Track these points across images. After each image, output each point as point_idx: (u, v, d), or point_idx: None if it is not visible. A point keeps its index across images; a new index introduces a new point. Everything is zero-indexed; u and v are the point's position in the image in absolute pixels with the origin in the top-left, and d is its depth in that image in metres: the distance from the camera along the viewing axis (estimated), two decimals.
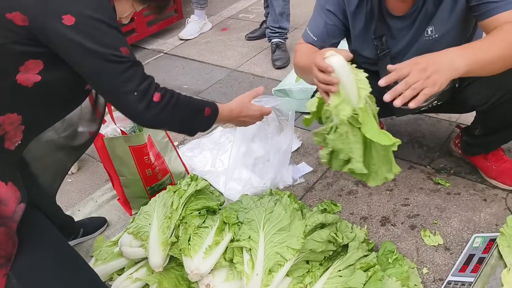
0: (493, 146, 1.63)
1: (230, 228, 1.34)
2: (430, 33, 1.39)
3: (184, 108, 1.13)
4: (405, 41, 1.45)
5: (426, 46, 1.40)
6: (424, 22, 1.39)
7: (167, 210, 1.40)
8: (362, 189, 1.74)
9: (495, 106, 1.38)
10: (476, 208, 1.58)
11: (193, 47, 3.20)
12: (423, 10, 1.37)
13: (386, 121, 2.06)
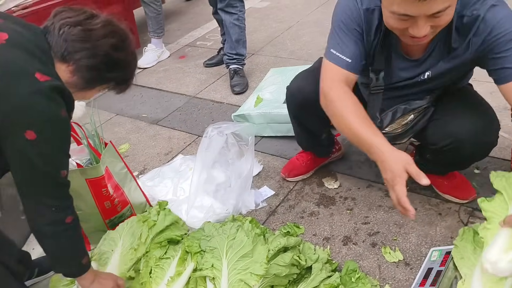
0: (442, 173, 1.70)
1: (192, 257, 1.33)
2: (426, 77, 1.40)
3: (77, 241, 1.18)
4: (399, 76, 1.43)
5: (418, 85, 1.43)
6: (425, 67, 1.38)
7: (134, 241, 1.37)
8: (324, 210, 1.77)
9: (443, 151, 1.45)
10: (432, 222, 1.63)
11: (151, 75, 3.19)
12: (428, 60, 1.35)
13: (344, 141, 2.12)
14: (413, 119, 1.50)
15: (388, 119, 1.50)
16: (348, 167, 1.98)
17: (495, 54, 1.21)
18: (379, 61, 1.39)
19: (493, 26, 1.20)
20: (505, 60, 1.19)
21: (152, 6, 3.19)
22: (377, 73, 1.41)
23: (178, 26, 4.10)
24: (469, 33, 1.24)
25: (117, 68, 1.15)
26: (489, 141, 1.42)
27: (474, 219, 1.61)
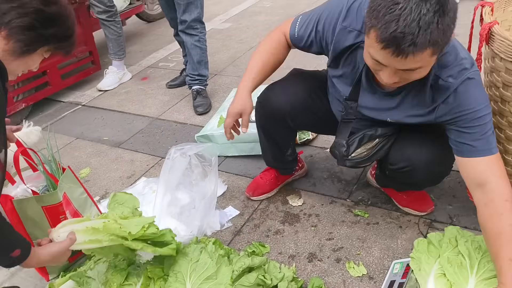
0: (400, 189, 1.76)
1: (155, 283, 1.30)
2: (389, 120, 1.45)
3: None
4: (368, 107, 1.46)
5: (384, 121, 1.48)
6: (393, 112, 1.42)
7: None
8: (289, 227, 1.78)
9: (400, 172, 1.52)
10: (394, 235, 1.67)
11: (113, 97, 3.15)
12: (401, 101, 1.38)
13: (307, 159, 2.15)
14: (378, 144, 1.54)
15: (355, 145, 1.54)
16: (311, 184, 2.00)
17: (459, 127, 1.26)
18: (355, 92, 1.44)
19: (462, 101, 1.23)
20: (467, 136, 1.24)
21: (112, 28, 3.16)
22: (351, 103, 1.47)
23: (139, 48, 4.08)
24: (439, 98, 1.27)
25: (53, 24, 1.10)
26: (441, 171, 1.50)
27: (432, 230, 1.66)
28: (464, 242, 1.33)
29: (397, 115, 1.42)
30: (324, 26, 1.41)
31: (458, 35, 3.18)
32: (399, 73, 1.16)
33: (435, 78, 1.26)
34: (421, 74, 1.18)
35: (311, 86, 1.65)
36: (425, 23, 1.02)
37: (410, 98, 1.35)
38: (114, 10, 3.14)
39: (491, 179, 1.21)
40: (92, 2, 3.02)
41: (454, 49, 1.25)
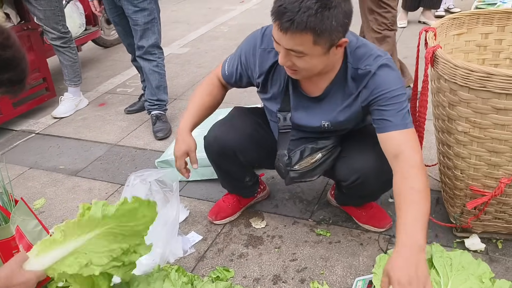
0: (359, 204, 1.82)
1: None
2: (326, 126, 1.53)
3: None
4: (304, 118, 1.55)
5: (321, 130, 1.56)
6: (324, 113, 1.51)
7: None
8: (252, 250, 1.78)
9: (353, 185, 1.57)
10: (355, 253, 1.70)
11: (69, 125, 3.07)
12: (327, 100, 1.49)
13: (268, 180, 2.17)
14: (321, 157, 1.60)
15: (297, 157, 1.60)
16: (273, 206, 2.02)
17: (379, 106, 1.39)
18: (286, 101, 1.53)
19: (380, 82, 1.38)
20: (386, 113, 1.37)
21: (67, 54, 3.11)
22: (285, 114, 1.55)
23: (96, 74, 4.02)
24: (361, 84, 1.41)
25: (9, 68, 1.08)
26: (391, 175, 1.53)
27: (392, 246, 1.71)
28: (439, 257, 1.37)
29: (328, 115, 1.51)
30: (246, 56, 1.56)
31: (407, 57, 3.37)
32: (289, 55, 1.29)
33: (354, 70, 1.41)
34: (309, 63, 1.30)
35: (255, 121, 1.71)
36: (305, 7, 1.17)
37: (335, 95, 1.48)
38: (69, 36, 3.09)
39: (404, 150, 1.33)
40: (46, 29, 2.96)
41: (365, 44, 1.43)
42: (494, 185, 1.46)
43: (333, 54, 1.32)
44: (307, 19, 1.18)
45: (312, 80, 1.46)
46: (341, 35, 1.27)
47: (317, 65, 1.32)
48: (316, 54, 1.28)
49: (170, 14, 5.89)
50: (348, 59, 1.41)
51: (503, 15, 1.67)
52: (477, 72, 1.28)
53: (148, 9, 2.59)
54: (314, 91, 1.50)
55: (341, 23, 1.23)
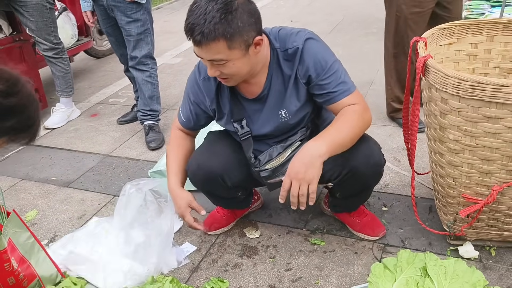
0: (353, 207, 1.81)
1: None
2: (284, 115, 1.56)
3: None
4: (262, 122, 1.59)
5: (284, 126, 1.59)
6: (276, 104, 1.56)
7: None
8: (247, 260, 1.77)
9: (344, 180, 1.58)
10: (350, 262, 1.70)
11: (61, 135, 3.05)
12: (271, 93, 1.54)
13: (262, 190, 2.17)
14: (290, 153, 1.62)
15: (266, 158, 1.63)
16: (267, 215, 2.02)
17: (320, 80, 1.46)
18: (236, 111, 1.60)
19: (311, 55, 1.45)
20: (328, 86, 1.45)
21: (59, 65, 3.10)
22: (240, 122, 1.61)
23: (88, 84, 4.01)
24: (294, 63, 1.48)
25: (12, 116, 1.06)
26: (378, 161, 1.58)
27: (386, 254, 1.71)
28: (433, 266, 1.38)
29: (281, 105, 1.55)
30: (193, 94, 1.63)
31: None
32: (214, 65, 1.37)
33: (284, 53, 1.48)
34: (234, 67, 1.37)
35: (232, 142, 1.73)
36: (209, 17, 1.27)
37: (277, 86, 1.53)
38: (61, 47, 3.09)
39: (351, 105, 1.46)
40: (38, 40, 2.95)
41: (284, 27, 1.53)
42: (487, 192, 1.48)
43: (254, 53, 1.39)
44: (214, 27, 1.27)
45: (250, 82, 1.52)
46: (253, 33, 1.34)
47: (242, 67, 1.39)
48: (236, 58, 1.35)
49: (163, 25, 5.91)
50: (275, 45, 1.48)
51: (492, 25, 1.70)
52: (468, 81, 1.30)
53: (141, 20, 2.60)
54: (254, 91, 1.55)
55: (248, 23, 1.32)
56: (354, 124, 1.43)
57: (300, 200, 1.38)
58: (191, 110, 1.66)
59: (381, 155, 1.59)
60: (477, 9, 4.54)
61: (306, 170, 1.35)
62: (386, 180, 2.17)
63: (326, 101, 1.49)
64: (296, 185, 1.36)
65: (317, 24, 5.07)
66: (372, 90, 3.21)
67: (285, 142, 1.63)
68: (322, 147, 1.37)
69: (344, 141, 1.42)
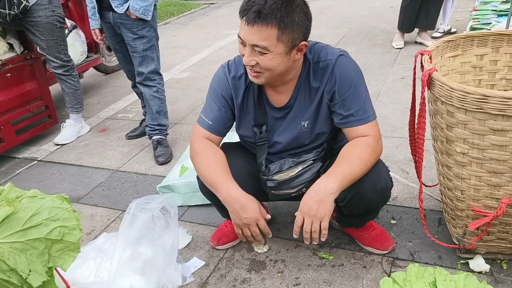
0: (361, 223, 1.80)
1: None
2: (305, 126, 1.58)
3: None
4: (281, 130, 1.60)
5: (302, 137, 1.60)
6: (299, 115, 1.57)
7: None
8: (255, 275, 1.76)
9: (351, 203, 1.57)
10: (359, 276, 1.69)
11: (71, 151, 3.09)
12: (297, 104, 1.56)
13: (269, 204, 2.17)
14: (300, 169, 1.63)
15: (276, 168, 1.63)
16: (275, 229, 2.01)
17: (343, 99, 1.48)
18: (259, 116, 1.60)
19: (343, 72, 1.47)
20: (350, 106, 1.47)
21: (69, 82, 3.15)
22: (260, 127, 1.61)
23: (98, 100, 4.06)
24: (324, 77, 1.49)
25: None
26: (385, 185, 1.57)
27: (395, 269, 1.69)
28: (443, 281, 1.36)
29: (304, 115, 1.57)
30: (221, 89, 1.60)
31: (404, 78, 3.39)
32: (254, 53, 1.36)
33: (315, 65, 1.50)
34: (272, 61, 1.37)
35: (243, 154, 1.73)
36: (271, 1, 1.29)
37: (302, 96, 1.54)
38: (71, 64, 3.14)
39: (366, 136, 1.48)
40: (48, 58, 3.01)
41: (320, 42, 1.54)
42: (496, 205, 1.46)
43: (294, 57, 1.40)
44: (272, 11, 1.28)
45: (278, 89, 1.54)
46: (302, 35, 1.37)
47: (279, 64, 1.39)
48: (279, 52, 1.35)
49: (170, 40, 5.98)
50: (308, 56, 1.50)
51: (497, 37, 1.70)
52: (473, 94, 1.30)
53: (147, 36, 2.64)
54: (281, 100, 1.57)
55: (302, 23, 1.34)
56: (366, 160, 1.44)
57: (313, 236, 1.43)
58: (219, 108, 1.60)
59: (388, 178, 1.58)
60: (483, 18, 4.54)
61: (318, 207, 1.39)
62: (395, 192, 2.16)
63: (343, 123, 1.50)
64: (309, 221, 1.40)
65: (323, 37, 5.10)
66: (378, 101, 3.21)
67: (298, 158, 1.63)
68: (333, 185, 1.40)
69: (355, 177, 1.44)
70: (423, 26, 4.29)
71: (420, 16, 4.23)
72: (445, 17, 4.50)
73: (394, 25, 4.59)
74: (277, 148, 1.65)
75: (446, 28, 4.56)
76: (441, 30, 4.54)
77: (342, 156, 1.46)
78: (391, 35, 4.65)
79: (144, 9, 2.56)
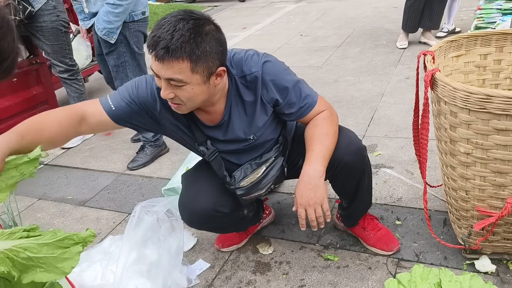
0: (362, 210, 1.80)
1: None
2: (252, 138, 1.55)
3: None
4: (227, 142, 1.56)
5: (251, 147, 1.59)
6: (240, 129, 1.52)
7: None
8: (260, 277, 1.77)
9: (335, 176, 1.60)
10: (364, 277, 1.69)
11: (76, 155, 3.11)
12: (233, 119, 1.50)
13: (274, 205, 2.17)
14: (265, 169, 1.61)
15: (241, 175, 1.60)
16: (280, 231, 2.01)
17: (287, 101, 1.47)
18: (197, 134, 1.54)
19: (274, 80, 1.44)
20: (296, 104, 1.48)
21: (74, 86, 3.17)
22: (205, 144, 1.57)
23: None
24: (256, 87, 1.45)
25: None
26: (358, 145, 1.59)
27: (401, 269, 1.69)
28: (448, 282, 1.36)
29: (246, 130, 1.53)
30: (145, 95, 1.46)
31: (408, 78, 3.38)
32: (170, 86, 1.28)
33: (242, 79, 1.45)
34: (191, 92, 1.29)
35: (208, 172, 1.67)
36: (178, 34, 1.20)
37: (236, 113, 1.50)
38: (76, 68, 3.16)
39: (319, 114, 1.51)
40: (53, 62, 3.04)
41: (237, 51, 1.47)
42: (501, 205, 1.46)
43: (214, 84, 1.34)
44: (181, 45, 1.20)
45: (208, 111, 1.47)
46: (217, 62, 1.30)
47: (199, 94, 1.32)
48: (196, 83, 1.28)
49: None
50: (232, 71, 1.44)
51: (501, 37, 1.70)
52: (477, 94, 1.29)
53: (117, 51, 2.56)
54: (215, 119, 1.51)
55: (215, 50, 1.27)
56: (330, 132, 1.49)
57: (319, 221, 1.45)
58: (129, 104, 1.45)
59: (358, 138, 1.61)
60: (488, 17, 4.52)
61: (314, 194, 1.41)
62: (399, 193, 2.16)
63: (296, 118, 1.53)
64: (311, 210, 1.43)
65: (327, 38, 5.10)
66: (383, 102, 3.20)
67: (259, 159, 1.61)
68: (318, 168, 1.42)
69: (330, 152, 1.48)
70: (427, 26, 4.28)
71: (424, 16, 4.21)
72: (450, 17, 4.49)
73: (398, 25, 4.58)
74: (233, 153, 1.61)
75: (451, 27, 4.54)
76: (446, 30, 4.53)
77: (309, 139, 1.49)
78: (395, 36, 4.64)
79: (108, 31, 2.47)
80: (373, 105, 3.16)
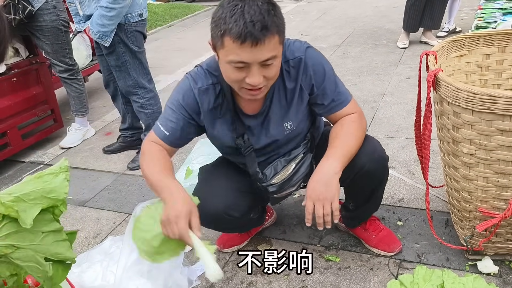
0: (366, 215, 1.79)
1: None
2: (290, 127, 1.55)
3: None
4: (264, 135, 1.57)
5: (289, 137, 1.58)
6: (280, 118, 1.53)
7: None
8: (261, 278, 1.76)
9: (353, 182, 1.57)
10: (365, 279, 1.68)
11: (76, 155, 3.10)
12: (273, 107, 1.51)
13: (275, 206, 2.16)
14: (295, 166, 1.61)
15: (272, 172, 1.61)
16: (281, 232, 2.00)
17: (321, 90, 1.48)
18: (238, 127, 1.53)
19: (315, 65, 1.46)
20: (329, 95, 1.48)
21: (74, 86, 3.16)
22: (242, 138, 1.55)
23: (103, 103, 4.08)
24: (298, 73, 1.46)
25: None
26: (381, 154, 1.58)
27: (402, 271, 1.68)
28: (451, 284, 1.35)
29: (285, 118, 1.53)
30: (185, 101, 1.48)
31: (409, 77, 3.37)
32: (261, 70, 1.27)
33: (285, 64, 1.45)
34: (276, 67, 1.31)
35: (226, 171, 1.68)
36: (265, 11, 1.19)
37: (277, 101, 1.50)
38: (76, 68, 3.15)
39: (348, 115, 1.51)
40: (53, 62, 3.03)
41: None
42: (504, 206, 1.45)
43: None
44: (272, 20, 1.21)
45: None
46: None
47: (279, 64, 1.34)
48: (279, 55, 1.30)
49: (175, 42, 5.99)
50: None
51: (503, 37, 1.69)
52: (480, 95, 1.28)
53: (116, 52, 2.53)
54: (256, 107, 1.51)
55: (282, 18, 1.28)
56: (356, 134, 1.47)
57: (326, 220, 1.39)
58: (179, 119, 1.48)
59: (382, 148, 1.59)
60: (488, 17, 4.50)
61: (326, 189, 1.37)
62: (401, 193, 2.15)
63: (326, 111, 1.52)
64: (320, 206, 1.38)
65: (327, 38, 5.09)
66: (384, 102, 3.19)
67: (288, 155, 1.62)
68: (335, 164, 1.40)
69: (352, 153, 1.45)
70: (428, 25, 4.27)
71: (425, 15, 4.21)
72: (450, 16, 4.48)
73: (399, 25, 4.57)
74: (265, 152, 1.61)
75: (451, 27, 4.53)
76: (446, 29, 4.52)
77: (334, 137, 1.47)
78: (396, 35, 4.63)
79: (102, 34, 2.43)
80: (374, 105, 3.15)
